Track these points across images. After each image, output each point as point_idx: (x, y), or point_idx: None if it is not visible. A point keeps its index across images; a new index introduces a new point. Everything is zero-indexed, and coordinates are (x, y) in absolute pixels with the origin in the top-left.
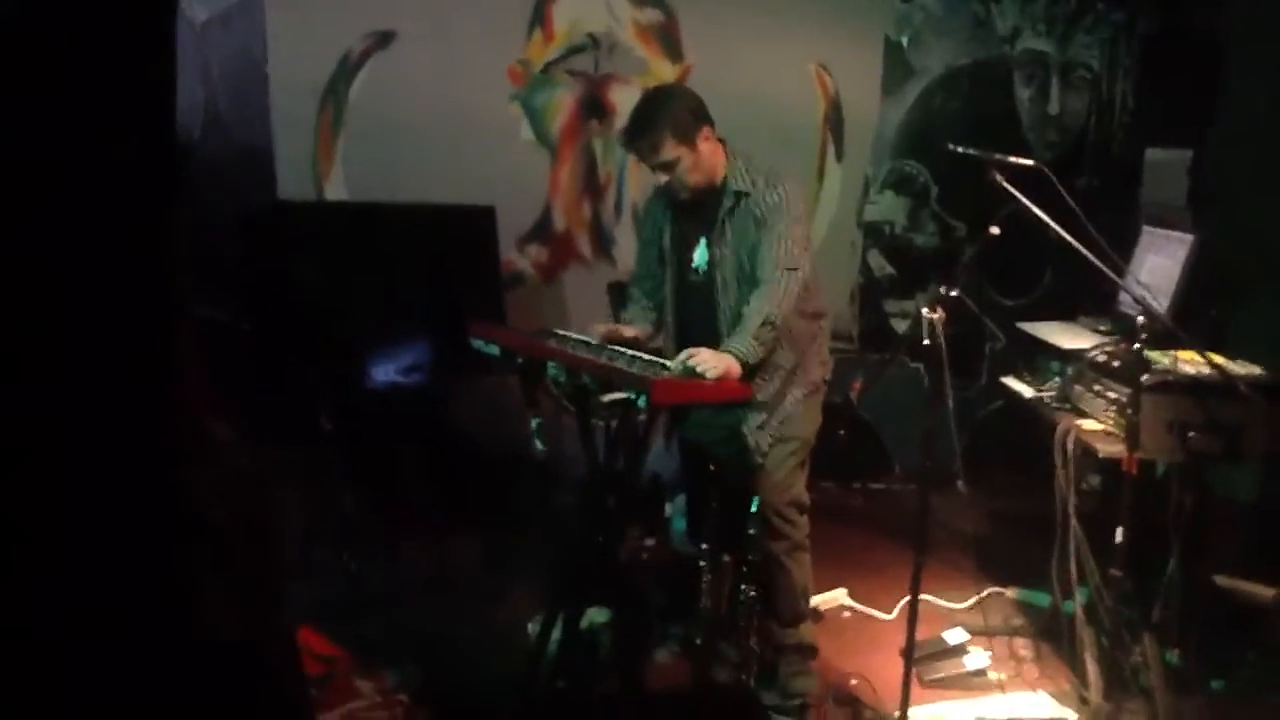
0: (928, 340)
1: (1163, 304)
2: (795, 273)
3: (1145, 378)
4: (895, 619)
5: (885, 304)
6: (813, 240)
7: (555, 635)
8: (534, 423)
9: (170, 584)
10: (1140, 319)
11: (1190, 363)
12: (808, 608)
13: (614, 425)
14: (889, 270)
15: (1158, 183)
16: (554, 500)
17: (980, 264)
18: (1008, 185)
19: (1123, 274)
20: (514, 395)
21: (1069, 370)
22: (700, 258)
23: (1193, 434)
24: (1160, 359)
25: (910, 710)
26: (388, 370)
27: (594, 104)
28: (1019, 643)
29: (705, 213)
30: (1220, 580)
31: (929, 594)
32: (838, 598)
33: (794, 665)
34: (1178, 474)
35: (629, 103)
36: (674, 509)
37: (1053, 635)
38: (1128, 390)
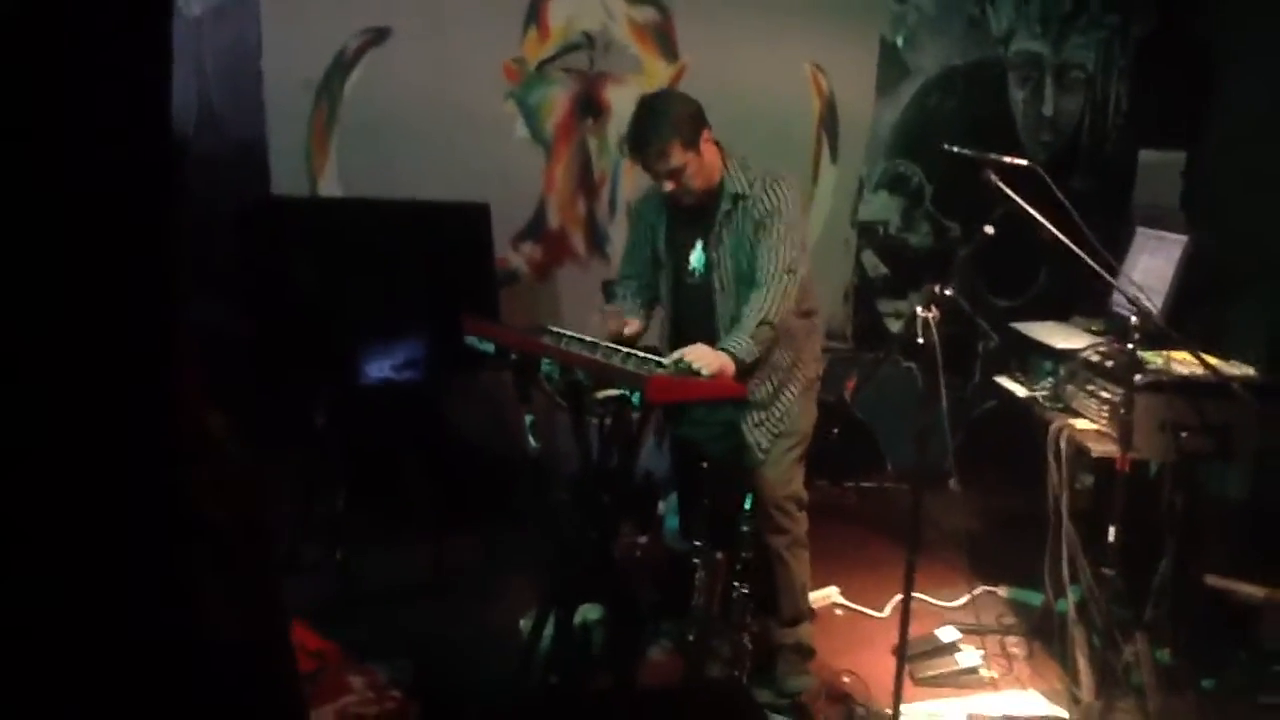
0: (921, 339)
1: (1156, 305)
2: (793, 275)
3: (1138, 378)
4: (888, 617)
5: (879, 303)
6: (807, 239)
7: (548, 631)
8: (528, 419)
9: (169, 583)
10: (1134, 319)
11: (1183, 363)
12: (808, 606)
13: (608, 422)
14: (883, 270)
15: (1151, 184)
16: (547, 497)
17: (974, 264)
18: (1002, 185)
19: (1116, 274)
20: (508, 392)
21: (1062, 370)
22: (697, 260)
23: (1185, 434)
24: (1153, 359)
25: (902, 708)
26: (381, 367)
27: (589, 102)
28: (1011, 641)
29: (701, 216)
30: (1211, 580)
31: (921, 592)
32: (830, 595)
33: (791, 665)
34: (1170, 474)
35: (624, 101)
36: (667, 506)
37: (1045, 634)
38: (1121, 390)
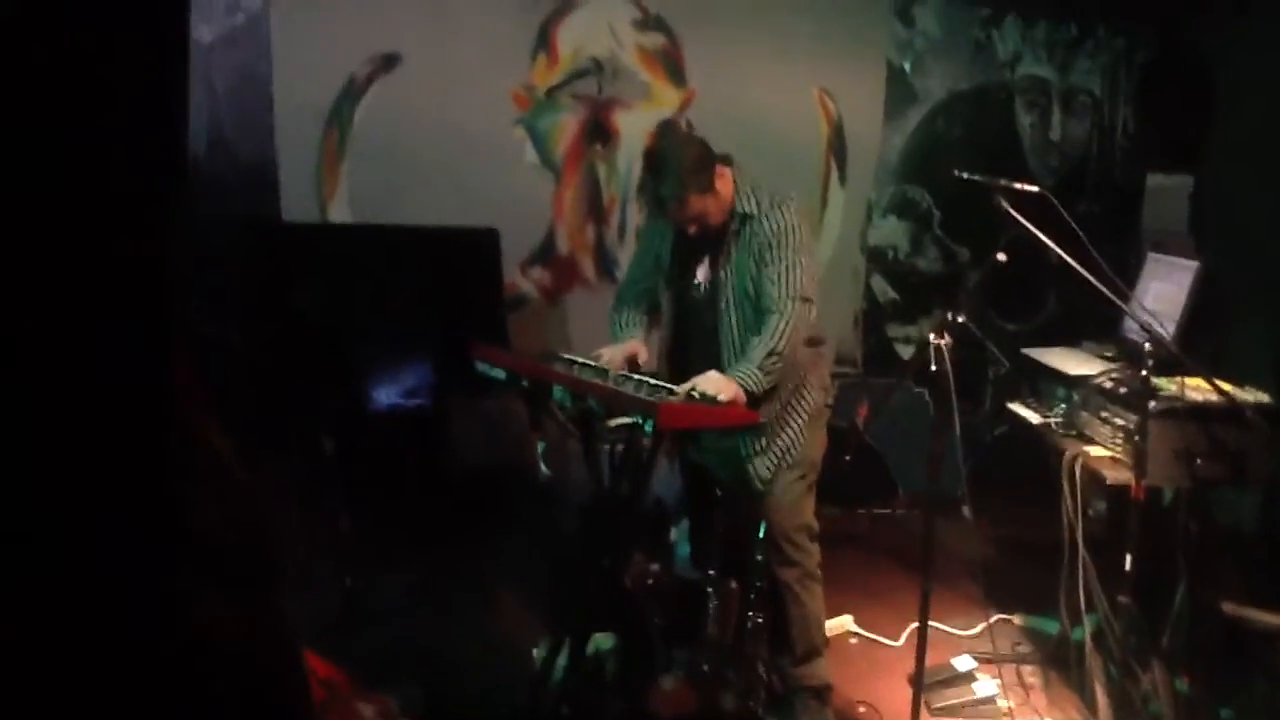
0: (934, 366)
1: (1168, 330)
2: (806, 303)
3: (1153, 404)
4: (902, 646)
5: (888, 329)
6: (817, 265)
7: (560, 661)
8: (539, 446)
9: (173, 607)
10: (1146, 345)
11: (1197, 389)
12: (822, 640)
13: (619, 449)
14: (892, 295)
15: (1159, 208)
16: (559, 524)
17: (985, 290)
18: (1012, 210)
19: (1128, 300)
20: (517, 418)
21: (1075, 396)
22: (703, 276)
23: (1200, 460)
24: (1167, 386)
25: None
26: (391, 392)
27: (598, 128)
28: (1027, 670)
29: (709, 233)
30: (1228, 607)
31: (936, 621)
32: (844, 624)
33: (810, 710)
34: (1185, 500)
35: (633, 127)
36: (679, 534)
37: (1061, 663)
38: (1135, 417)
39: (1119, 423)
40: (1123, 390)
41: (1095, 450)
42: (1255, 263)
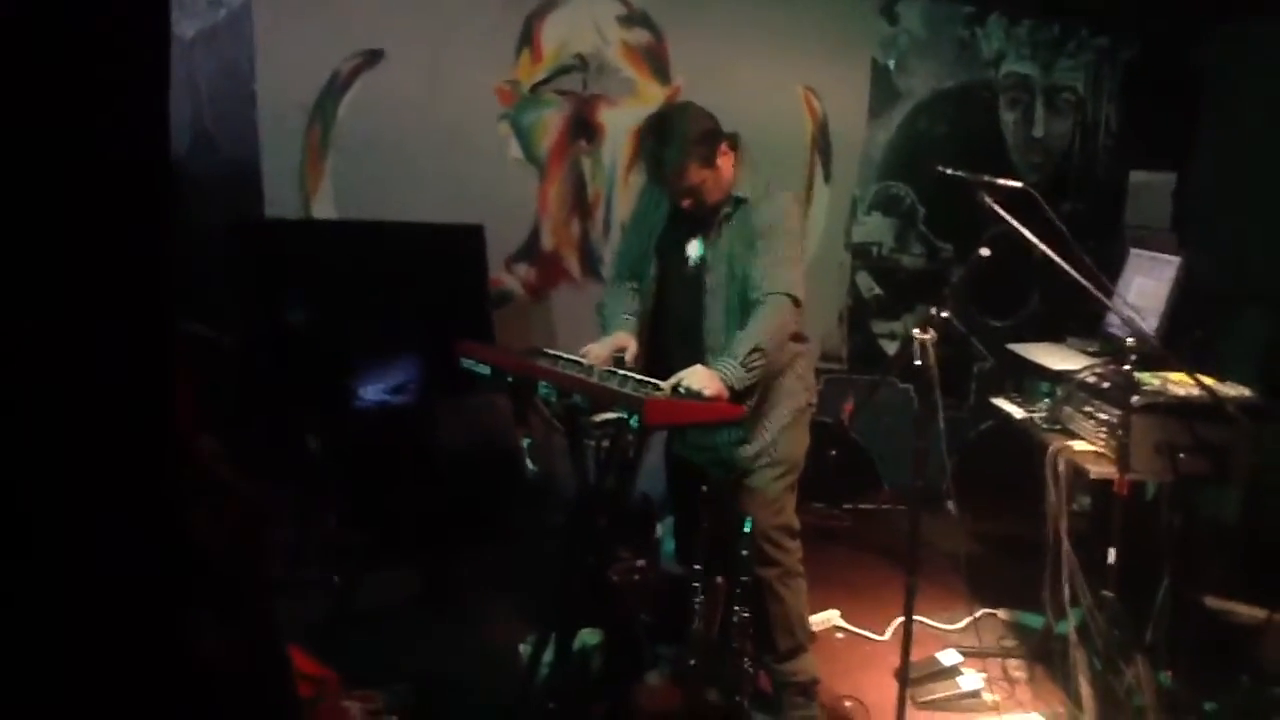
0: (919, 361)
1: (1150, 325)
2: (793, 300)
3: (1135, 399)
4: (888, 640)
5: (874, 325)
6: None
7: (547, 657)
8: (525, 442)
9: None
10: (1129, 340)
11: (1179, 384)
12: (805, 638)
13: (605, 445)
14: (877, 291)
15: (1142, 205)
16: (545, 520)
17: (969, 286)
18: (996, 207)
19: (1110, 296)
20: (503, 414)
21: (1059, 391)
22: (695, 252)
23: (1182, 455)
24: (1150, 380)
25: None
26: (376, 389)
27: (582, 124)
28: (1012, 664)
29: (704, 211)
30: (1211, 601)
31: (921, 615)
32: (830, 619)
33: (798, 707)
34: (1167, 495)
35: (617, 123)
36: (664, 529)
37: (1046, 657)
38: (1118, 411)
39: (1102, 417)
40: (1105, 385)
41: (1079, 445)
42: (1237, 258)
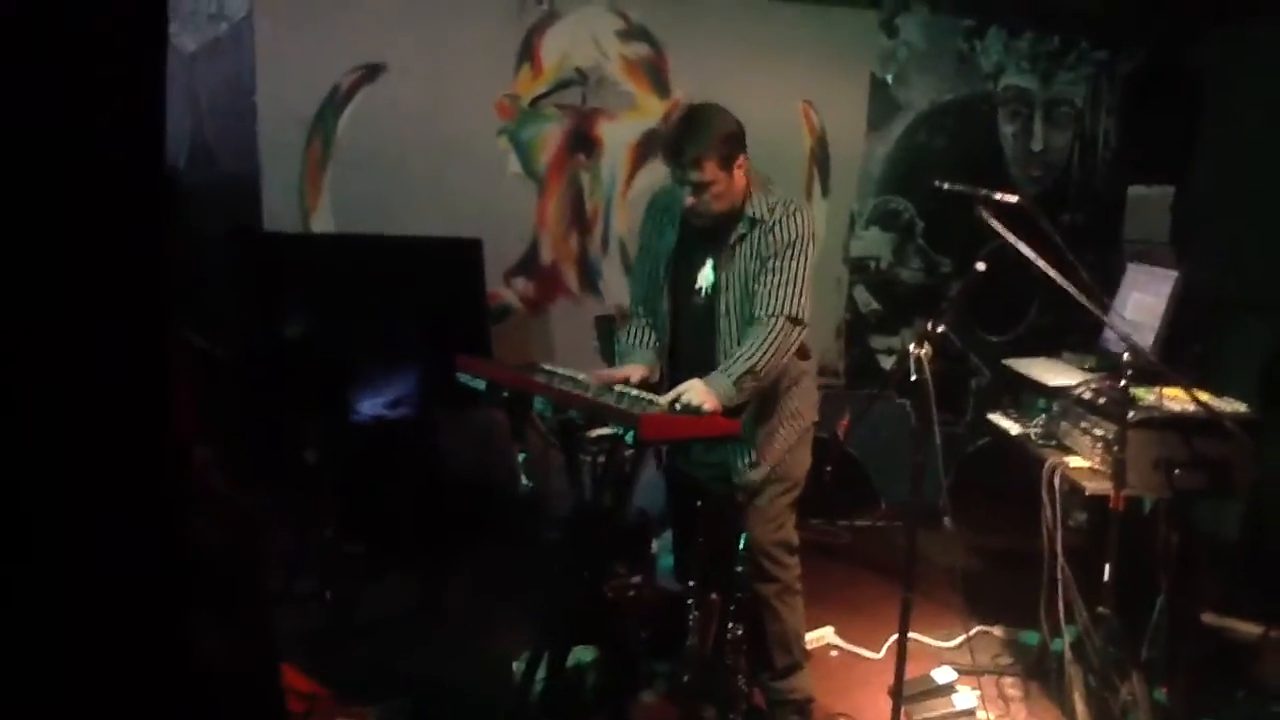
0: (915, 376)
1: (1148, 340)
2: (797, 326)
3: (1131, 414)
4: (883, 657)
5: (871, 340)
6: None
7: (541, 673)
8: (520, 457)
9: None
10: (1126, 355)
11: (1176, 399)
12: (802, 655)
13: (601, 460)
14: (875, 306)
15: (1141, 219)
16: (540, 535)
17: (966, 300)
18: (993, 221)
19: (1107, 310)
20: (500, 429)
21: (1055, 407)
22: (706, 280)
23: (1179, 470)
24: (1146, 396)
25: None
26: (374, 403)
27: (581, 138)
28: (1007, 682)
29: (715, 235)
30: (1208, 618)
31: (917, 632)
32: (825, 636)
33: None
34: (1164, 511)
35: (616, 137)
36: (661, 545)
37: (1041, 674)
38: (1114, 427)
39: (1098, 433)
40: (1102, 400)
41: (1075, 461)
42: (1236, 273)
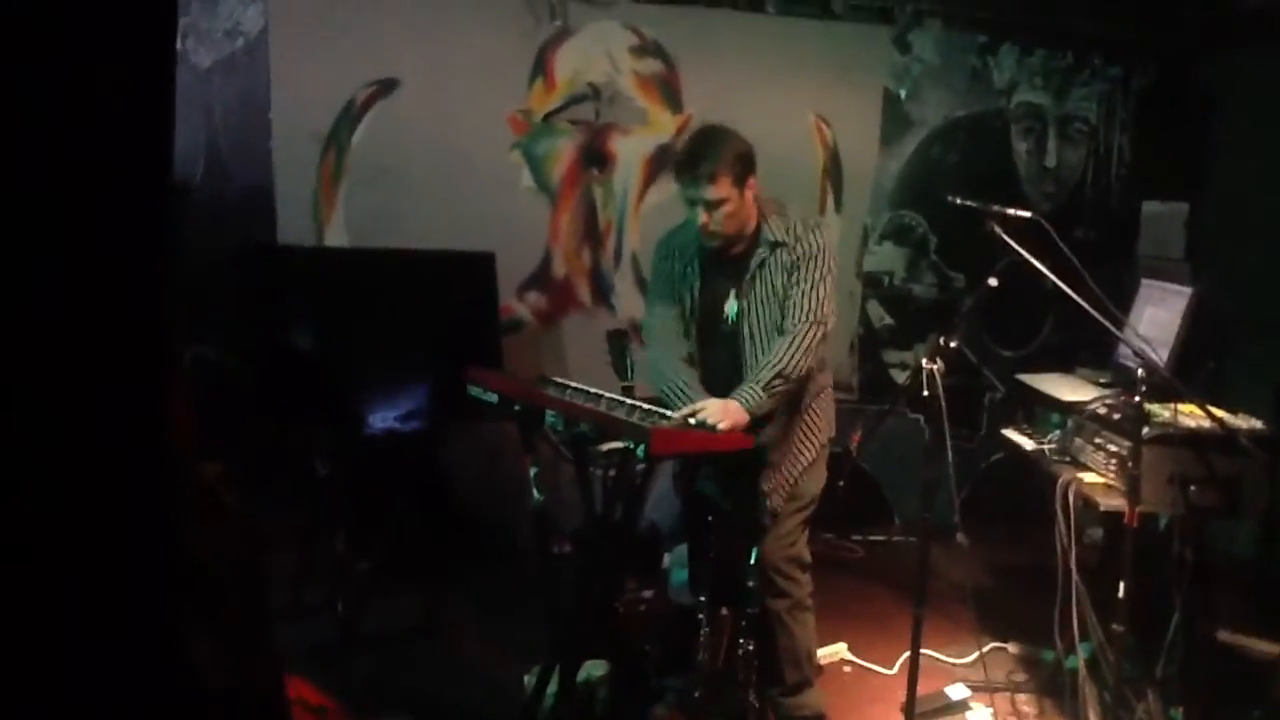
0: (927, 391)
1: (1162, 356)
2: (822, 326)
3: (1146, 431)
4: (896, 674)
5: (884, 354)
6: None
7: (551, 688)
8: (532, 470)
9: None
10: (1140, 371)
11: (1191, 416)
12: (812, 671)
13: (612, 474)
14: (888, 320)
15: (1155, 235)
16: (551, 549)
17: (979, 316)
18: (1006, 237)
19: (1121, 326)
20: (511, 442)
21: (1069, 423)
22: (731, 309)
23: (1194, 487)
24: (1160, 412)
25: None
26: (385, 416)
27: (594, 153)
28: (1022, 699)
29: (735, 264)
30: (1223, 636)
31: (930, 648)
32: (838, 652)
33: None
34: (1179, 528)
35: (629, 152)
36: (673, 560)
37: (1055, 691)
38: (1128, 443)
39: (1112, 449)
40: (1116, 416)
41: (1089, 477)
42: (1251, 290)
